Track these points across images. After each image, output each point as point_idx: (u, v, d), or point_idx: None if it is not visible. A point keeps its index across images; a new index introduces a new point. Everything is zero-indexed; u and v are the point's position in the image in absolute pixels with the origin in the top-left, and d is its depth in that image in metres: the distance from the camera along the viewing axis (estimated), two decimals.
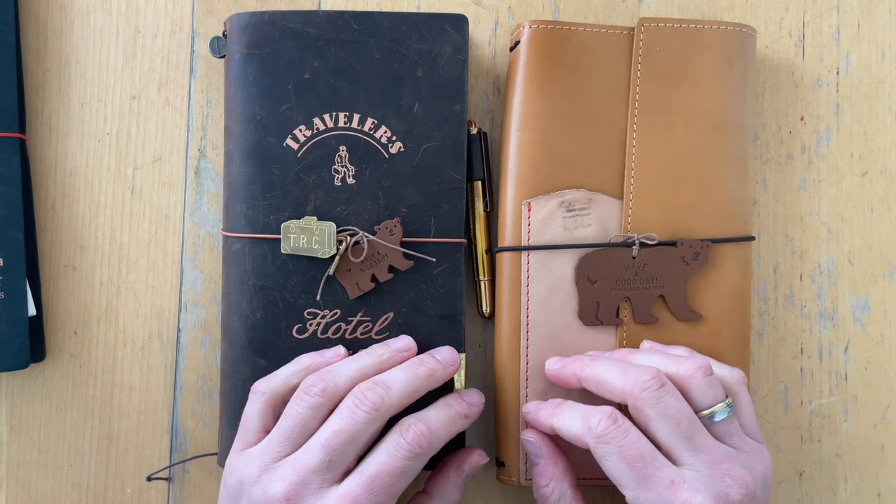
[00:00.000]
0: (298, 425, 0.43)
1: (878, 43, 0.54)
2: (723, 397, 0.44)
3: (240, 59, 0.48)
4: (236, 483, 0.43)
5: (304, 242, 0.47)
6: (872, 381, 0.53)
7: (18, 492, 0.52)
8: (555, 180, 0.48)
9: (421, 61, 0.48)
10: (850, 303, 0.54)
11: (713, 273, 0.49)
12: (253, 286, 0.48)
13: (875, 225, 0.54)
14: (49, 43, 0.53)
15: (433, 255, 0.48)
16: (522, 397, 0.48)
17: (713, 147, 0.49)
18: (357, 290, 0.48)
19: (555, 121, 0.48)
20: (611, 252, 0.48)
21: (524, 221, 0.48)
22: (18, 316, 0.49)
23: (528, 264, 0.48)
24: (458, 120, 0.48)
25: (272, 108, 0.48)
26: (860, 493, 0.53)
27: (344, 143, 0.48)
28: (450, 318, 0.48)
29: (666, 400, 0.42)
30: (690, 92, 0.49)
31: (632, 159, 0.49)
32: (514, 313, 0.48)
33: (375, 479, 0.41)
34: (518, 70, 0.49)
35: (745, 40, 0.50)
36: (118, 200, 0.52)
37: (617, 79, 0.49)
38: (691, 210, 0.49)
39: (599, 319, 0.48)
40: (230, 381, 0.48)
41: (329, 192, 0.48)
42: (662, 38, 0.49)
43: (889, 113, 0.54)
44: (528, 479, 0.48)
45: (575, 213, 0.48)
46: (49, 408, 0.52)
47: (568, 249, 0.48)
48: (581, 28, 0.49)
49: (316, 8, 0.53)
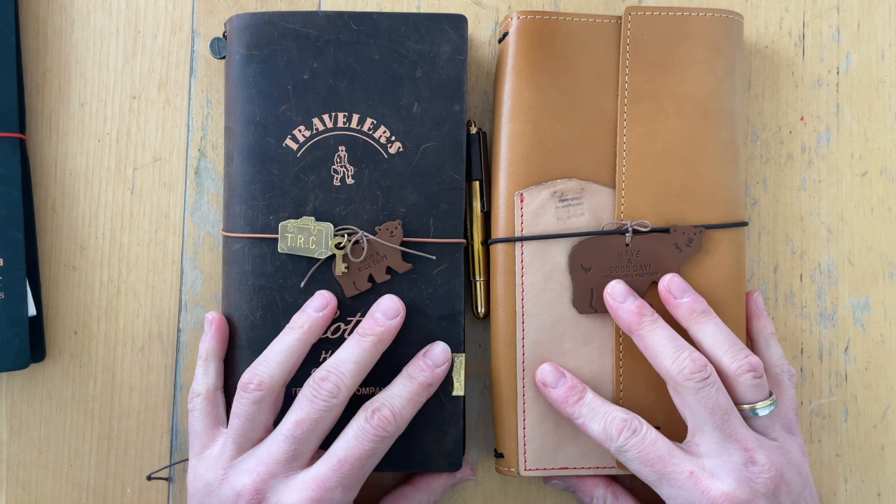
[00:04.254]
0: (247, 422, 0.44)
1: (878, 43, 0.54)
2: (766, 396, 0.45)
3: (240, 59, 0.48)
4: (203, 486, 0.44)
5: (302, 242, 0.47)
6: (872, 381, 0.53)
7: (18, 492, 0.52)
8: (547, 170, 0.48)
9: (420, 61, 0.48)
10: (850, 303, 0.54)
11: (707, 259, 0.49)
12: (252, 286, 0.48)
13: (875, 225, 0.54)
14: (49, 43, 0.53)
15: (432, 255, 0.48)
16: (520, 388, 0.48)
17: (703, 134, 0.49)
18: (354, 288, 0.48)
19: (545, 111, 0.48)
20: (604, 240, 0.48)
21: (517, 212, 0.48)
22: (18, 316, 0.49)
23: (521, 255, 0.48)
24: (457, 120, 0.48)
25: (272, 108, 0.48)
26: (860, 493, 0.53)
27: (343, 143, 0.48)
28: (449, 317, 0.48)
29: (706, 391, 0.43)
30: (679, 79, 0.49)
31: (623, 148, 0.49)
32: (509, 304, 0.48)
33: (344, 462, 0.43)
34: (507, 61, 0.49)
35: (733, 26, 0.50)
36: (118, 200, 0.52)
37: (606, 68, 0.49)
38: (683, 197, 0.49)
39: (594, 307, 0.48)
40: (229, 381, 0.48)
41: (328, 193, 0.48)
42: (650, 26, 0.49)
43: (889, 113, 0.54)
44: (527, 469, 0.48)
45: (567, 203, 0.48)
46: (49, 408, 0.52)
47: (561, 239, 0.48)
48: (569, 18, 0.49)
49: (316, 7, 0.53)
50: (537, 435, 0.48)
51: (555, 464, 0.48)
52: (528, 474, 0.48)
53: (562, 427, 0.48)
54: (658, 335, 0.45)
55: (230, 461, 0.44)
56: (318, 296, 0.47)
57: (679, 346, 0.45)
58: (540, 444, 0.48)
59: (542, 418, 0.48)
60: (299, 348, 0.45)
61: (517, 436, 0.48)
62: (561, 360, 0.48)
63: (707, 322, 0.46)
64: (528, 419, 0.48)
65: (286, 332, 0.46)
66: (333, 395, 0.43)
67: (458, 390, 0.48)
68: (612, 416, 0.44)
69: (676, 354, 0.44)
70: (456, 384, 0.48)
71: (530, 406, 0.48)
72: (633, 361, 0.48)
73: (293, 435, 0.43)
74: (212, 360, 0.47)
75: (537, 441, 0.48)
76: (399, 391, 0.45)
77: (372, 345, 0.45)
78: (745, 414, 0.45)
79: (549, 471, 0.48)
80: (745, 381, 0.44)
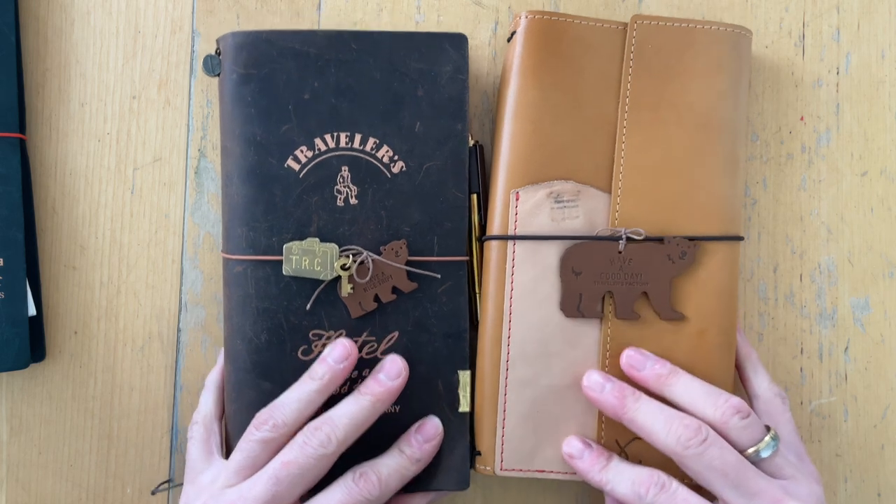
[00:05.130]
0: (248, 458, 0.44)
1: (878, 43, 0.54)
2: (763, 434, 0.44)
3: (237, 78, 0.47)
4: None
5: (307, 264, 0.47)
6: (872, 381, 0.53)
7: (18, 492, 0.52)
8: (544, 171, 0.48)
9: (421, 80, 0.48)
10: (850, 303, 0.54)
11: (700, 272, 0.48)
12: (256, 309, 0.47)
13: (875, 225, 0.54)
14: (49, 43, 0.53)
15: (437, 274, 0.48)
16: (502, 386, 0.48)
17: (702, 146, 0.49)
18: (360, 309, 0.47)
19: (547, 112, 0.48)
20: (597, 245, 0.48)
21: (511, 210, 0.48)
22: (18, 316, 0.49)
23: (513, 253, 0.48)
24: (459, 138, 0.48)
25: (272, 128, 0.47)
26: (860, 493, 0.53)
27: (346, 163, 0.48)
28: (455, 335, 0.48)
29: (710, 453, 0.43)
30: (680, 90, 0.49)
31: (621, 154, 0.49)
32: (497, 302, 0.48)
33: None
34: (514, 60, 0.49)
35: (740, 41, 0.50)
36: (118, 200, 0.52)
37: (610, 73, 0.49)
38: (679, 207, 0.48)
39: (581, 311, 0.48)
40: (235, 405, 0.48)
41: (332, 213, 0.47)
42: (655, 35, 0.49)
43: (889, 113, 0.54)
44: (503, 468, 0.48)
45: (563, 205, 0.48)
46: (49, 408, 0.52)
47: (555, 241, 0.48)
48: (577, 21, 0.49)
49: (316, 8, 0.53)
50: (516, 435, 0.48)
51: (532, 465, 0.48)
52: (504, 474, 0.48)
53: (541, 429, 0.48)
54: (644, 412, 0.45)
55: (219, 490, 0.44)
56: (339, 346, 0.46)
57: (668, 416, 0.44)
58: (518, 445, 0.48)
59: (522, 419, 0.48)
60: (317, 399, 0.45)
61: (496, 434, 0.48)
62: (546, 363, 0.48)
63: (675, 381, 0.46)
64: (507, 419, 0.48)
65: (306, 380, 0.45)
66: (324, 445, 0.43)
67: (463, 406, 0.48)
68: (639, 474, 0.44)
69: (668, 426, 0.44)
70: (462, 400, 0.48)
71: (511, 406, 0.48)
72: (619, 370, 0.48)
73: (278, 476, 0.43)
74: (212, 390, 0.48)
75: (515, 441, 0.48)
76: (388, 461, 0.46)
77: (370, 404, 0.45)
78: (752, 460, 0.44)
79: (526, 472, 0.48)
80: (734, 424, 0.44)
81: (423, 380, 0.48)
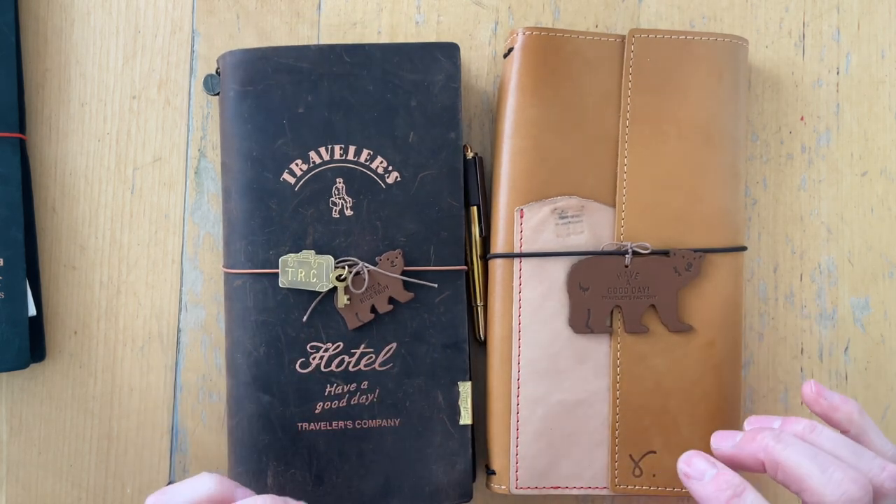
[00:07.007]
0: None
1: (878, 43, 0.54)
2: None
3: (234, 96, 0.48)
4: None
5: (303, 276, 0.47)
6: (872, 381, 0.53)
7: (18, 492, 0.52)
8: (547, 187, 0.48)
9: (414, 91, 0.48)
10: (850, 303, 0.54)
11: (706, 284, 0.49)
12: (255, 322, 0.48)
13: (875, 225, 0.54)
14: (49, 43, 0.53)
15: (434, 283, 0.48)
16: (514, 404, 0.48)
17: (704, 158, 0.49)
18: (356, 320, 0.48)
19: (548, 128, 0.48)
20: (603, 260, 0.48)
21: (516, 228, 0.48)
22: (18, 316, 0.49)
23: (520, 271, 0.48)
24: (453, 147, 0.48)
25: (268, 143, 0.48)
26: None
27: (340, 175, 0.48)
28: (453, 346, 0.48)
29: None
30: (680, 103, 0.49)
31: (623, 168, 0.49)
32: (505, 320, 0.48)
33: None
34: (511, 77, 0.49)
35: (737, 51, 0.50)
36: (118, 200, 0.52)
37: (609, 87, 0.49)
38: (683, 220, 0.49)
39: (590, 327, 0.48)
40: (236, 418, 0.48)
41: (327, 225, 0.48)
42: (653, 49, 0.49)
43: (889, 113, 0.54)
44: (518, 486, 0.48)
45: (567, 221, 0.48)
46: (49, 408, 0.52)
47: (561, 257, 0.48)
48: (574, 35, 0.49)
49: (316, 11, 0.53)
50: (530, 453, 0.48)
51: (547, 482, 0.48)
52: (520, 492, 0.48)
53: (555, 446, 0.48)
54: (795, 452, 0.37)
55: None
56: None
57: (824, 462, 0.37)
58: (532, 463, 0.48)
59: (536, 436, 0.48)
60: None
61: (510, 453, 0.48)
62: (557, 379, 0.48)
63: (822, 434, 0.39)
64: (521, 437, 0.48)
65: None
66: None
67: (465, 419, 0.48)
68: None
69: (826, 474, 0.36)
70: (463, 413, 0.48)
71: (524, 424, 0.48)
72: (629, 384, 0.48)
73: None
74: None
75: (530, 459, 0.48)
76: None
77: None
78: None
79: (541, 489, 0.48)
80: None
81: (422, 392, 0.48)
